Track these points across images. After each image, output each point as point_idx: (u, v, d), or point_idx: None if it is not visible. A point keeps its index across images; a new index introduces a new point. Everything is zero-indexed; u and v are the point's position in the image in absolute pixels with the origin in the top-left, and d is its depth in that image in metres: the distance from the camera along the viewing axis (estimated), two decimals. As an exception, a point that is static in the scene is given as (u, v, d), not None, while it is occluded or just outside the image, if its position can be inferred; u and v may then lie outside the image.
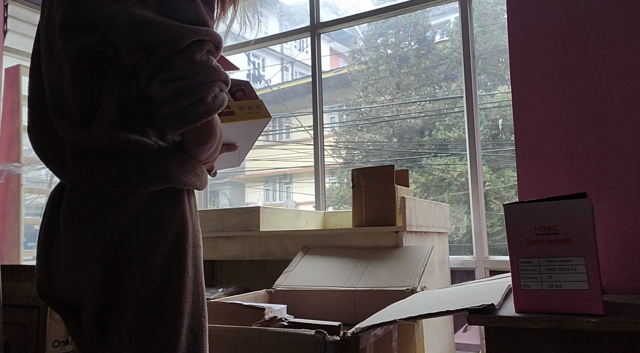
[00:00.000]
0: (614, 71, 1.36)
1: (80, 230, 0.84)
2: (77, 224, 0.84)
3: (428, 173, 3.82)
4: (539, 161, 1.43)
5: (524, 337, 0.89)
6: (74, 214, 0.85)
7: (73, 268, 0.84)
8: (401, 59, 4.32)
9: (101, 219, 0.83)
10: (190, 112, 0.79)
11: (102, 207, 0.84)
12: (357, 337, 1.07)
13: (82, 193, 0.85)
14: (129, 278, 0.82)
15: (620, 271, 1.29)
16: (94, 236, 0.83)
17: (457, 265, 2.47)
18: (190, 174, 0.91)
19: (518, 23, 1.50)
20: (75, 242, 0.84)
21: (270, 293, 1.72)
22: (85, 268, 0.83)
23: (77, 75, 0.83)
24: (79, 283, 0.84)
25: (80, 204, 0.85)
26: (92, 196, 0.84)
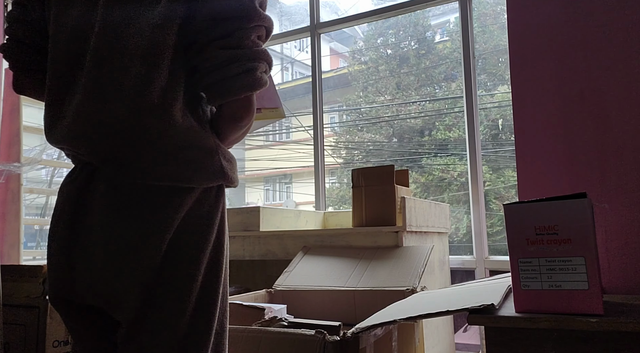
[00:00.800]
0: (614, 71, 1.36)
1: (131, 226, 0.79)
2: (127, 220, 0.79)
3: (428, 173, 3.82)
4: (539, 161, 1.43)
5: (524, 337, 0.89)
6: (121, 210, 0.80)
7: (116, 266, 0.80)
8: (401, 59, 4.32)
9: (155, 215, 0.80)
10: (237, 82, 0.81)
11: (156, 203, 0.80)
12: (357, 337, 1.07)
13: (128, 186, 0.80)
14: (175, 277, 0.80)
15: (620, 271, 1.29)
16: (147, 233, 0.79)
17: (457, 265, 2.47)
18: (235, 171, 0.91)
19: (518, 23, 1.50)
20: (123, 239, 0.79)
21: (270, 293, 1.72)
22: (132, 267, 0.79)
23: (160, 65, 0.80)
24: (119, 281, 0.80)
25: (129, 199, 0.80)
26: (143, 191, 0.80)
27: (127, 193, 0.81)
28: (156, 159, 0.81)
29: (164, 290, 0.80)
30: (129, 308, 0.80)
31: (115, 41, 0.81)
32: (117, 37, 0.81)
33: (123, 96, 0.79)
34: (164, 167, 0.80)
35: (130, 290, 0.79)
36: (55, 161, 3.19)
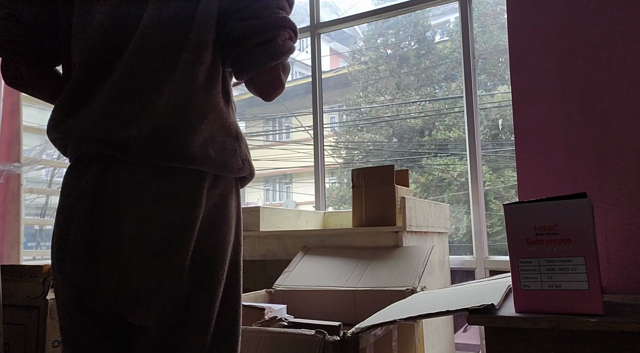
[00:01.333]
0: (614, 71, 1.36)
1: (161, 219, 0.76)
2: (157, 212, 0.76)
3: (428, 173, 3.82)
4: (539, 161, 1.43)
5: (524, 337, 0.89)
6: (150, 203, 0.76)
7: (147, 264, 0.75)
8: (401, 59, 4.32)
9: (185, 203, 0.76)
10: (259, 53, 0.80)
11: (186, 191, 0.78)
12: (357, 337, 1.07)
13: (157, 174, 0.77)
14: (203, 276, 0.78)
15: (620, 271, 1.29)
16: (178, 227, 0.76)
17: (457, 265, 2.47)
18: (253, 164, 0.90)
19: (518, 23, 1.50)
20: (154, 235, 0.76)
21: (270, 293, 1.72)
22: (164, 265, 0.75)
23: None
24: (151, 280, 0.75)
25: (158, 188, 0.77)
26: (173, 178, 0.77)
27: (156, 182, 0.77)
28: (199, 143, 0.78)
29: (193, 290, 0.78)
30: (160, 309, 0.76)
31: (162, 35, 0.80)
32: (165, 31, 0.80)
33: (171, 82, 0.78)
34: (205, 151, 0.78)
35: (161, 290, 0.76)
36: (55, 161, 3.18)
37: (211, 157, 0.79)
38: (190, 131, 0.78)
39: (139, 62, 0.79)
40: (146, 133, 0.78)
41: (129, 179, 0.78)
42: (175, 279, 0.77)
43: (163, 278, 0.76)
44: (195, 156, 0.78)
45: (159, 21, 0.80)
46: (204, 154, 0.79)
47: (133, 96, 0.79)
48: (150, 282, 0.76)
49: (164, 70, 0.79)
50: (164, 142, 0.78)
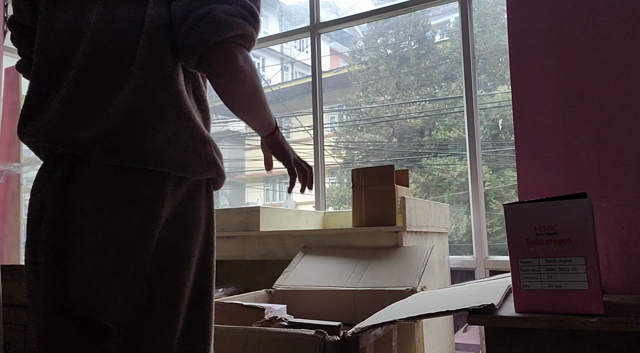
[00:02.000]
0: (614, 71, 1.36)
1: (121, 220, 0.77)
2: (116, 213, 0.77)
3: (428, 173, 3.82)
4: (539, 161, 1.43)
5: (524, 337, 0.89)
6: (110, 203, 0.77)
7: (107, 266, 0.76)
8: (401, 59, 4.32)
9: (145, 206, 0.77)
10: (194, 30, 0.76)
11: (148, 192, 0.78)
12: (357, 337, 1.07)
13: (119, 175, 0.78)
14: (166, 277, 0.78)
15: (620, 271, 1.29)
16: (138, 228, 0.76)
17: (457, 265, 2.47)
18: (223, 166, 0.89)
19: (518, 23, 1.50)
20: (113, 236, 0.76)
21: (270, 293, 1.72)
22: (123, 266, 0.76)
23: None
24: (110, 283, 0.76)
25: (120, 189, 0.78)
26: (134, 180, 0.78)
27: (117, 183, 0.78)
28: (158, 144, 0.79)
29: (156, 291, 0.78)
30: (122, 311, 0.77)
31: (113, 38, 0.81)
32: (115, 34, 0.81)
33: (127, 84, 0.79)
34: (164, 152, 0.79)
35: (122, 292, 0.76)
36: (55, 161, 3.18)
37: (172, 158, 0.80)
38: (147, 132, 0.79)
39: (92, 66, 0.80)
40: (101, 135, 0.79)
41: (92, 180, 0.79)
42: (135, 280, 0.77)
43: (123, 279, 0.77)
44: (154, 157, 0.79)
45: (108, 25, 0.81)
46: (163, 155, 0.79)
47: (86, 99, 0.80)
48: (111, 283, 0.77)
49: (118, 73, 0.79)
50: (121, 143, 0.78)
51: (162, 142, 0.79)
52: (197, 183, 0.85)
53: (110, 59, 0.80)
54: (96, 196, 0.78)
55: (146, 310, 0.78)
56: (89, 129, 0.79)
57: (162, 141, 0.79)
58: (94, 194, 0.78)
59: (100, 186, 0.78)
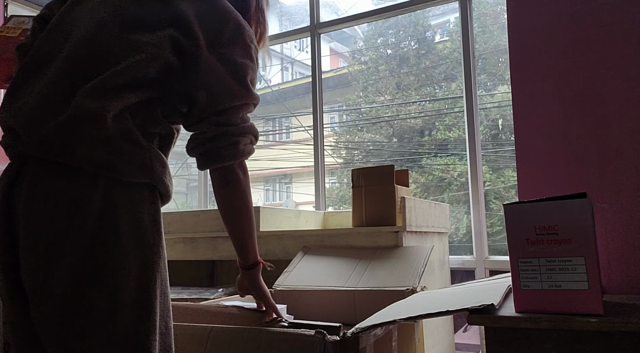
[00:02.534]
0: (614, 71, 1.36)
1: (53, 216, 0.80)
2: (49, 211, 0.80)
3: (428, 173, 3.82)
4: (539, 161, 1.43)
5: (524, 337, 0.89)
6: (43, 199, 0.81)
7: (38, 259, 0.80)
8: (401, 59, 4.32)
9: (76, 205, 0.80)
10: (224, 152, 0.97)
11: (79, 191, 0.81)
12: (357, 337, 1.07)
13: (55, 172, 0.82)
14: (100, 276, 0.79)
15: (620, 271, 1.29)
16: (68, 224, 0.79)
17: (457, 265, 2.47)
18: (166, 177, 0.93)
19: (518, 23, 1.50)
20: (43, 232, 0.80)
21: (270, 293, 1.72)
22: (54, 259, 0.79)
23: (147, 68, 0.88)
24: (40, 277, 0.79)
25: (54, 186, 0.81)
26: (68, 178, 0.82)
27: (52, 180, 0.82)
28: (91, 146, 0.83)
29: (82, 292, 0.79)
30: (56, 303, 0.79)
31: (98, 44, 0.87)
32: (104, 41, 0.88)
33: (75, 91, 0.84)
34: (97, 153, 0.82)
35: (52, 288, 0.78)
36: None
37: (97, 157, 0.83)
38: (77, 129, 0.83)
39: (62, 66, 0.87)
40: (42, 134, 0.84)
41: (29, 179, 0.83)
42: (59, 279, 0.78)
43: (48, 277, 0.79)
44: (78, 153, 0.82)
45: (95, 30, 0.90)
46: (87, 152, 0.83)
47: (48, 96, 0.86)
48: (42, 286, 0.79)
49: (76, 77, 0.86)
50: (57, 143, 0.83)
51: (99, 145, 0.83)
52: (136, 188, 0.87)
53: (79, 63, 0.88)
54: (29, 196, 0.82)
55: (77, 308, 0.79)
56: (41, 125, 0.83)
57: (100, 145, 0.83)
58: (28, 194, 0.82)
59: (34, 186, 0.82)
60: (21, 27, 1.39)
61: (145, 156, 0.88)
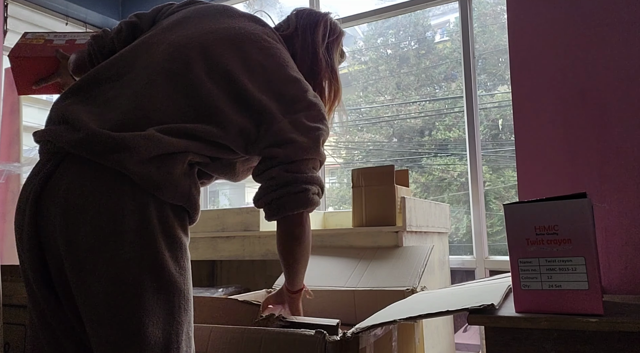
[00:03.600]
0: (614, 71, 1.36)
1: (90, 218, 0.81)
2: (85, 211, 0.81)
3: (428, 173, 3.82)
4: (539, 161, 1.43)
5: (524, 337, 0.89)
6: (81, 197, 0.82)
7: (82, 261, 0.82)
8: (401, 59, 4.31)
9: (111, 210, 0.81)
10: (294, 200, 0.99)
11: (117, 200, 0.82)
12: (357, 337, 1.07)
13: (97, 172, 0.82)
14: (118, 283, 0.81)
15: (620, 271, 1.29)
16: (103, 231, 0.80)
17: (457, 265, 2.47)
18: (196, 210, 0.96)
19: (518, 23, 1.50)
20: (81, 230, 0.80)
21: (270, 293, 1.72)
22: (94, 268, 0.80)
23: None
24: (78, 273, 0.81)
25: (94, 191, 0.82)
26: (107, 185, 0.83)
27: (95, 184, 0.82)
28: (142, 162, 0.83)
29: (110, 295, 0.80)
30: (83, 305, 0.80)
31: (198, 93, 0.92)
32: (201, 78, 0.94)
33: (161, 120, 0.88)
34: (144, 168, 0.83)
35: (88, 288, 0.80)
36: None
37: (150, 176, 0.84)
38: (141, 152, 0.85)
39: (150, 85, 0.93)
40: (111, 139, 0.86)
41: (69, 175, 0.83)
42: (95, 280, 0.80)
43: (89, 282, 0.80)
44: (132, 167, 0.83)
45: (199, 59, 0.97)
46: (142, 170, 0.84)
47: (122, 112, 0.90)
48: (80, 278, 0.81)
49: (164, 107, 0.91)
50: (114, 149, 0.84)
51: (149, 163, 0.84)
52: (168, 209, 0.87)
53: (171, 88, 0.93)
54: (69, 198, 0.82)
55: (102, 310, 0.80)
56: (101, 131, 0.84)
57: (149, 162, 0.84)
58: (69, 197, 0.82)
59: (77, 188, 0.82)
60: (44, 38, 1.49)
61: (186, 183, 0.90)
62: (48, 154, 0.87)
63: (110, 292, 0.79)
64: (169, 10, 1.14)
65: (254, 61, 1.00)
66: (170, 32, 1.02)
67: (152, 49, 0.97)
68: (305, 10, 1.25)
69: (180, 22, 1.05)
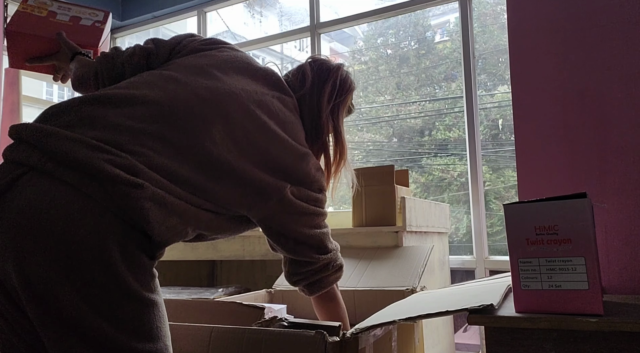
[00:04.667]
0: (614, 71, 1.36)
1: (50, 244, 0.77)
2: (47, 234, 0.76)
3: (428, 173, 3.82)
4: (539, 161, 1.43)
5: (524, 337, 0.89)
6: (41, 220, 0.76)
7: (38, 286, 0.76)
8: (401, 59, 4.31)
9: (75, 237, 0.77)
10: (331, 279, 1.14)
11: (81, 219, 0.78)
12: (356, 338, 1.07)
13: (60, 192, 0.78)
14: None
15: (620, 271, 1.29)
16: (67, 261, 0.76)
17: (457, 265, 2.47)
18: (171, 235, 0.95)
19: (518, 23, 1.50)
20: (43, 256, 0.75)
21: (270, 293, 1.72)
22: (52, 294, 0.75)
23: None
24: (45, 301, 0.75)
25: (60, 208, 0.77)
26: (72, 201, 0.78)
27: (60, 200, 0.76)
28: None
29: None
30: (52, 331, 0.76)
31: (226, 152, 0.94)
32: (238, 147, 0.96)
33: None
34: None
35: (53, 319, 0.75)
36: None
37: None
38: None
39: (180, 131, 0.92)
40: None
41: (34, 192, 0.78)
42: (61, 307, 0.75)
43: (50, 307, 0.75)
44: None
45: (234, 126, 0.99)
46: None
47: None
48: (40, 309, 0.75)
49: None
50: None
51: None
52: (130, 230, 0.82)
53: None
54: (25, 213, 0.76)
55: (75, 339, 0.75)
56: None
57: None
58: (25, 211, 0.76)
59: (37, 204, 0.76)
60: (46, 9, 1.36)
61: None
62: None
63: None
64: (191, 46, 1.09)
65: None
66: (199, 77, 0.99)
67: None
68: (317, 62, 1.24)
69: (207, 71, 1.01)
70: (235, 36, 5.04)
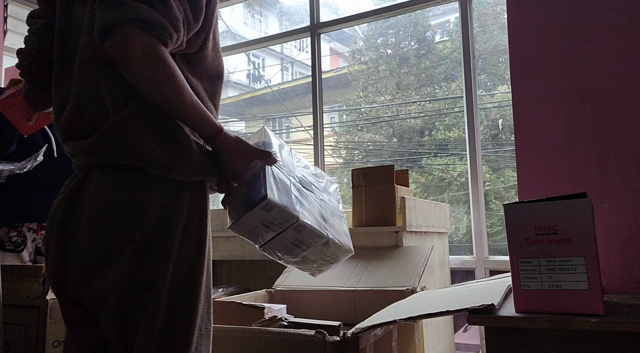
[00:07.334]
0: (614, 71, 1.36)
1: (108, 215, 0.82)
2: (104, 210, 0.82)
3: (428, 173, 3.82)
4: (539, 161, 1.43)
5: (524, 337, 0.89)
6: (100, 200, 0.82)
7: (94, 265, 0.82)
8: (401, 59, 4.31)
9: (130, 206, 0.81)
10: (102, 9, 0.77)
11: (132, 188, 0.82)
12: (357, 337, 1.07)
13: (113, 172, 0.83)
14: (156, 277, 0.81)
15: (620, 271, 1.29)
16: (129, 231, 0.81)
17: (457, 265, 2.47)
18: (214, 169, 0.93)
19: (518, 23, 1.50)
20: (102, 236, 0.81)
21: (270, 293, 1.72)
22: (109, 267, 0.81)
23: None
24: (101, 281, 0.82)
25: (113, 184, 0.82)
26: (124, 177, 0.82)
27: (110, 185, 0.82)
28: (143, 142, 0.82)
29: (148, 291, 0.81)
30: (108, 311, 0.82)
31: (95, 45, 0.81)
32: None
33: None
34: (149, 150, 0.82)
35: (107, 289, 0.81)
36: (55, 161, 3.18)
37: (160, 158, 0.84)
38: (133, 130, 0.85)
39: (79, 75, 0.88)
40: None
41: (94, 183, 0.84)
42: (117, 278, 0.81)
43: (107, 276, 0.82)
44: (137, 154, 0.83)
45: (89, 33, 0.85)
46: (146, 153, 0.83)
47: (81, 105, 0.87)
48: (97, 280, 0.83)
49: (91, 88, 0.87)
50: (107, 146, 0.84)
51: (147, 141, 0.82)
52: (183, 184, 0.87)
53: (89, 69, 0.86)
54: (91, 205, 0.83)
55: (128, 308, 0.81)
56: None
57: (149, 140, 0.82)
58: (92, 198, 0.83)
59: (98, 179, 0.83)
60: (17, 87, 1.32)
61: (195, 154, 0.87)
62: None
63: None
64: None
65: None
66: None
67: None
68: None
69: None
70: (236, 36, 5.04)
